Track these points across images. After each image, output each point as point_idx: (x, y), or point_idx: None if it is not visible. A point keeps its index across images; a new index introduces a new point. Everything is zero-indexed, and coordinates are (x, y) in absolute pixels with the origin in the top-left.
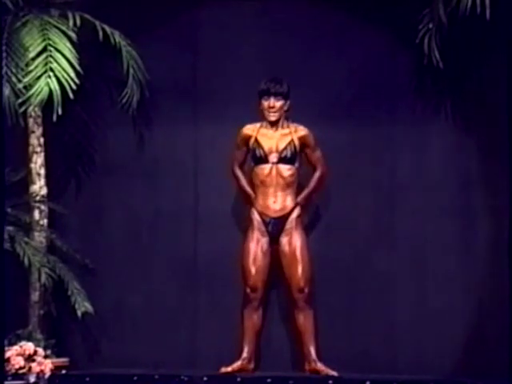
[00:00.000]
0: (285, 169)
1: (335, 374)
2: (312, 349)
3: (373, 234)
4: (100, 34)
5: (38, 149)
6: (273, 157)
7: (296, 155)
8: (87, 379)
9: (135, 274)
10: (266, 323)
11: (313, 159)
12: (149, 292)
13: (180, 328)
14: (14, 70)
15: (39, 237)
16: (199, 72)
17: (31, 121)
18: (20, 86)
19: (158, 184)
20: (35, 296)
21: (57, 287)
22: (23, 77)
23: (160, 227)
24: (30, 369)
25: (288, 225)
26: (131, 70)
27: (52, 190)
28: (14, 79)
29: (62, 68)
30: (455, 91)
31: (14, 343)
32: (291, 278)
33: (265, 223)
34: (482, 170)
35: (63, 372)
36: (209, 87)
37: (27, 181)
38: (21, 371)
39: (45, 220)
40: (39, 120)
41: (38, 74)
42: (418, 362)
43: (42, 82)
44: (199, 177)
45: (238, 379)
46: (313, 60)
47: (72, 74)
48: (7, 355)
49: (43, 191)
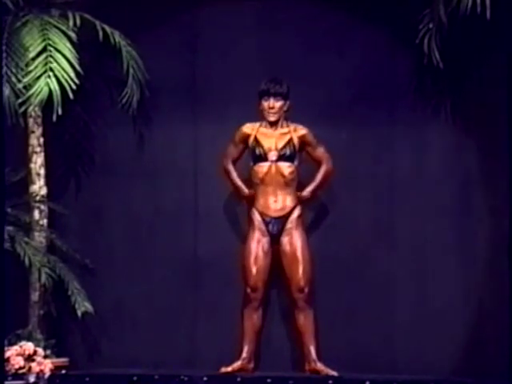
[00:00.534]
0: (284, 167)
1: (335, 374)
2: (312, 349)
3: (373, 234)
4: (100, 34)
5: (38, 149)
6: (272, 155)
7: (295, 153)
8: (87, 379)
9: (135, 274)
10: (266, 323)
11: (317, 155)
12: (149, 292)
13: (180, 328)
14: (14, 70)
15: (39, 237)
16: (199, 72)
17: (31, 121)
18: (20, 86)
19: (158, 184)
20: (35, 296)
21: (57, 287)
22: (23, 77)
23: (160, 227)
24: (30, 369)
25: (288, 224)
26: (131, 70)
27: (52, 190)
28: (14, 79)
29: (62, 68)
30: (455, 91)
31: (14, 343)
32: (291, 278)
33: (265, 223)
34: (482, 170)
35: (63, 372)
36: (209, 87)
37: (27, 181)
38: (21, 371)
39: (45, 220)
40: (39, 120)
41: (38, 74)
42: (418, 362)
43: (42, 82)
44: (199, 177)
45: (238, 379)
46: (313, 60)
47: (72, 74)
48: (7, 355)
49: (43, 191)
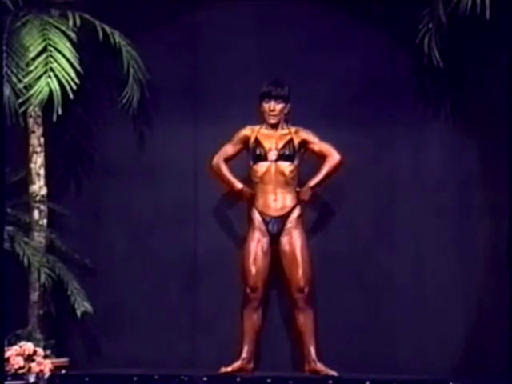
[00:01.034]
0: (284, 166)
1: (335, 374)
2: (312, 349)
3: (373, 234)
4: (100, 34)
5: (38, 149)
6: (272, 154)
7: (295, 153)
8: (87, 379)
9: (135, 274)
10: (266, 323)
11: (320, 150)
12: (149, 292)
13: (180, 328)
14: (15, 70)
15: (39, 237)
16: (199, 72)
17: (31, 121)
18: (20, 86)
19: (158, 184)
20: (35, 296)
21: (56, 287)
22: (23, 77)
23: (160, 227)
24: (30, 369)
25: (288, 224)
26: (131, 70)
27: (52, 190)
28: (15, 79)
29: (62, 68)
30: (455, 91)
31: (14, 343)
32: (291, 278)
33: (265, 222)
34: (482, 170)
35: (63, 372)
36: (209, 87)
37: (27, 181)
38: (20, 371)
39: (44, 220)
40: (39, 120)
41: (38, 74)
42: (418, 362)
43: (43, 82)
44: (199, 177)
45: (238, 379)
46: (313, 60)
47: (72, 74)
48: (7, 355)
49: (43, 191)
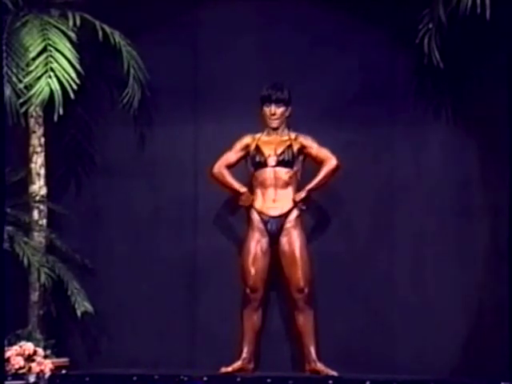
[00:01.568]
0: (283, 172)
1: (335, 374)
2: (312, 349)
3: (373, 234)
4: (100, 34)
5: (39, 149)
6: (271, 160)
7: (294, 159)
8: (87, 379)
9: (135, 274)
10: (266, 323)
11: (318, 155)
12: (149, 292)
13: (180, 328)
14: (15, 70)
15: (39, 237)
16: (199, 72)
17: (32, 121)
18: (21, 86)
19: (158, 184)
20: (35, 296)
21: (56, 287)
22: (24, 77)
23: (160, 227)
24: (30, 369)
25: (287, 224)
26: (132, 70)
27: (52, 190)
28: (15, 79)
29: (63, 68)
30: (455, 91)
31: (14, 343)
32: (291, 278)
33: (264, 223)
34: (482, 170)
35: (63, 372)
36: (209, 87)
37: (27, 181)
38: (20, 371)
39: (44, 220)
40: (40, 120)
41: (39, 74)
42: (418, 362)
43: (43, 82)
44: (199, 177)
45: (238, 379)
46: (313, 60)
47: (72, 74)
48: (7, 355)
49: (43, 191)
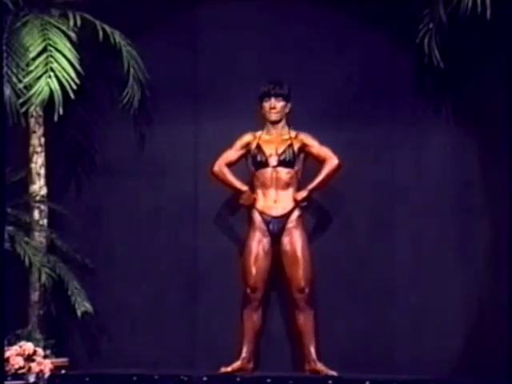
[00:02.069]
0: (284, 172)
1: (335, 374)
2: (312, 349)
3: (373, 234)
4: (100, 34)
5: (39, 149)
6: (272, 160)
7: (295, 159)
8: (87, 379)
9: (135, 274)
10: (266, 323)
11: (319, 154)
12: (149, 292)
13: (180, 328)
14: (15, 70)
15: (39, 237)
16: (199, 71)
17: (33, 121)
18: (21, 86)
19: (158, 184)
20: (35, 296)
21: (57, 287)
22: (24, 77)
23: (160, 227)
24: (30, 369)
25: (289, 224)
26: (132, 70)
27: (52, 190)
28: (15, 79)
29: (63, 68)
30: (455, 91)
31: (14, 343)
32: (292, 278)
33: (266, 222)
34: (482, 170)
35: (63, 372)
36: (209, 87)
37: (27, 181)
38: (20, 371)
39: (45, 220)
40: (40, 120)
41: (39, 74)
42: (418, 362)
43: (43, 82)
44: (199, 177)
45: (238, 379)
46: (313, 60)
47: (72, 74)
48: (7, 355)
49: (43, 191)
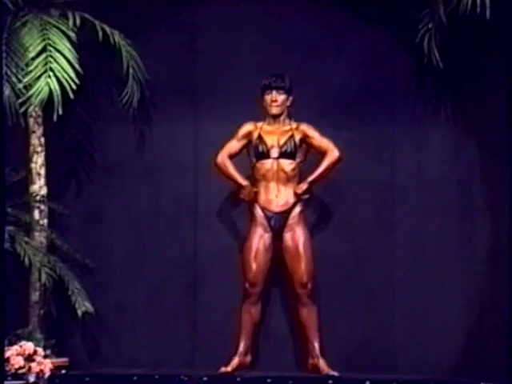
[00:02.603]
0: (286, 163)
1: (335, 374)
2: (316, 344)
3: (373, 234)
4: (99, 34)
5: (39, 149)
6: (274, 152)
7: (296, 150)
8: (87, 379)
9: (135, 274)
10: (268, 318)
11: (320, 145)
12: (149, 292)
13: (180, 328)
14: (14, 70)
15: (39, 237)
16: (199, 71)
17: (32, 120)
18: (20, 86)
19: (158, 184)
20: (35, 296)
21: (57, 287)
22: (23, 77)
23: (160, 227)
24: (30, 369)
25: (290, 220)
26: (131, 70)
27: (52, 190)
28: (14, 79)
29: (62, 68)
30: (455, 91)
31: (14, 343)
32: (294, 273)
33: (267, 218)
34: (482, 170)
35: (63, 372)
36: (209, 86)
37: (27, 181)
38: (20, 371)
39: (45, 220)
40: (40, 120)
41: (38, 74)
42: (418, 362)
43: (42, 82)
44: (199, 177)
45: (238, 379)
46: (312, 59)
47: (72, 74)
48: (7, 355)
49: (43, 191)
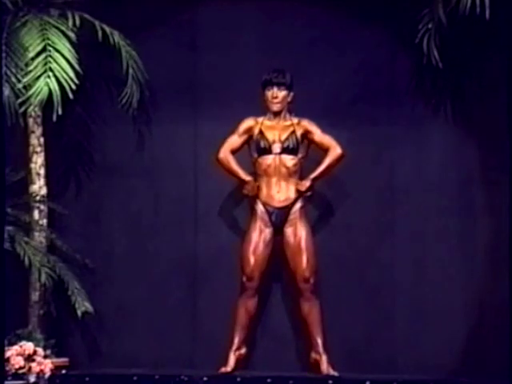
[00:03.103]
0: (288, 159)
1: (335, 374)
2: (319, 340)
3: (373, 234)
4: (99, 34)
5: (38, 149)
6: (276, 147)
7: (298, 146)
8: (87, 379)
9: (135, 274)
10: (269, 315)
11: (322, 142)
12: (149, 292)
13: (180, 328)
14: (14, 70)
15: (39, 237)
16: (199, 71)
17: (31, 121)
18: (20, 86)
19: (158, 184)
20: (35, 296)
21: (57, 287)
22: (23, 77)
23: (160, 227)
24: (30, 369)
25: (292, 215)
26: (131, 70)
27: (52, 190)
28: (14, 79)
29: (62, 68)
30: (455, 91)
31: (14, 343)
32: (296, 269)
33: (268, 213)
34: (482, 170)
35: (63, 372)
36: (209, 86)
37: (27, 181)
38: (21, 371)
39: (45, 220)
40: (39, 120)
41: (38, 74)
42: (418, 362)
43: (42, 82)
44: (199, 176)
45: (238, 379)
46: (312, 59)
47: (71, 74)
48: (7, 355)
49: (43, 191)
